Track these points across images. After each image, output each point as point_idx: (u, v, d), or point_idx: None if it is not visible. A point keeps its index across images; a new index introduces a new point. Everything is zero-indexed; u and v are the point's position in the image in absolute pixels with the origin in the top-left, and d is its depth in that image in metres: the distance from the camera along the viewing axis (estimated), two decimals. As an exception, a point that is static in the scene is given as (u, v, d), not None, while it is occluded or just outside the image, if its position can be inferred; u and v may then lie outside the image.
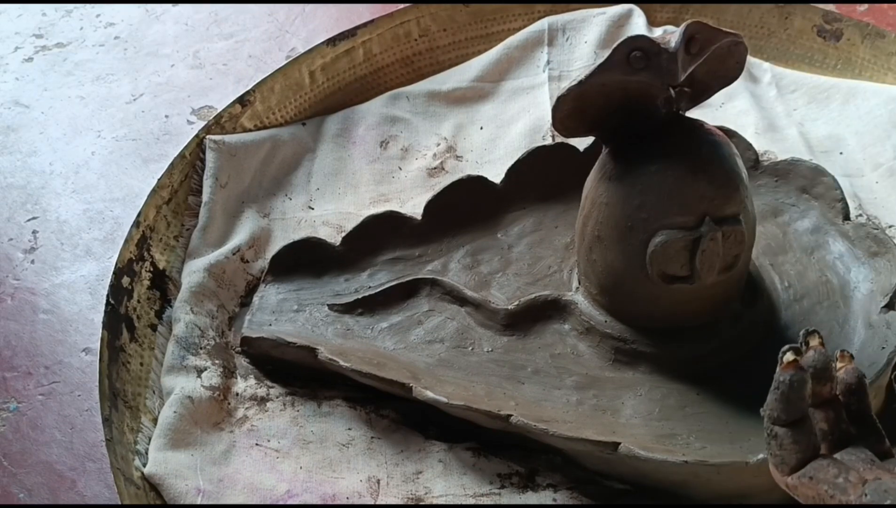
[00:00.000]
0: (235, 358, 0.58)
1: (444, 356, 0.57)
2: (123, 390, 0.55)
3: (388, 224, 0.62)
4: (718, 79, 0.52)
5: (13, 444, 0.57)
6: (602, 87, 0.49)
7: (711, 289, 0.52)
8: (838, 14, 0.75)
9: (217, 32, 0.88)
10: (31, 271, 0.67)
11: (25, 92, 0.82)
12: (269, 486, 0.51)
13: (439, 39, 0.78)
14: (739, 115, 0.72)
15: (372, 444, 0.54)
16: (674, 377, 0.54)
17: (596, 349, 0.56)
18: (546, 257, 0.61)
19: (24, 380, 0.60)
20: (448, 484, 0.51)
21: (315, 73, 0.74)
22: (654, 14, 0.79)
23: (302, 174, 0.70)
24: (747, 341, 0.55)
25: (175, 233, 0.64)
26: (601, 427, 0.51)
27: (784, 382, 0.37)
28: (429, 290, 0.60)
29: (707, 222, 0.50)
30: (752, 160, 0.63)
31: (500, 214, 0.64)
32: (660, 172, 0.51)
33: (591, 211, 0.54)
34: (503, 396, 0.53)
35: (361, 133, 0.73)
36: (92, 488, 0.55)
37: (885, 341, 0.51)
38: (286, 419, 0.55)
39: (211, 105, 0.79)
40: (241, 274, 0.63)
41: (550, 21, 0.79)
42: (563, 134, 0.54)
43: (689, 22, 0.47)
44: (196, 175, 0.66)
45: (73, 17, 0.90)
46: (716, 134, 0.52)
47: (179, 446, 0.52)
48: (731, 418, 0.51)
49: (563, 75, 0.76)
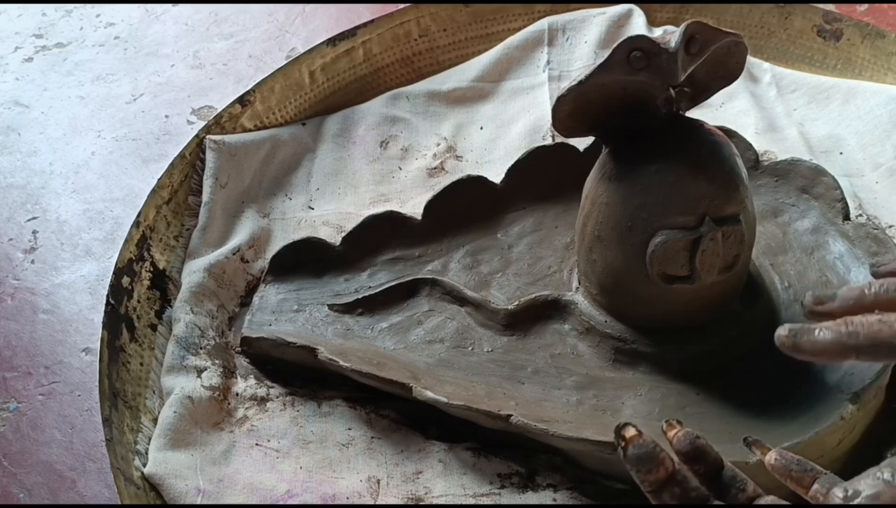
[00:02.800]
0: (235, 358, 0.58)
1: (444, 356, 0.57)
2: (123, 390, 0.55)
3: (388, 224, 0.62)
4: (718, 79, 0.52)
5: (13, 444, 0.57)
6: (602, 87, 0.49)
7: (711, 289, 0.52)
8: (838, 14, 0.75)
9: (217, 32, 0.88)
10: (31, 271, 0.67)
11: (25, 92, 0.82)
12: (269, 486, 0.51)
13: (439, 39, 0.78)
14: (739, 115, 0.72)
15: (372, 444, 0.54)
16: (674, 377, 0.54)
17: (596, 349, 0.56)
18: (546, 257, 0.61)
19: (24, 380, 0.60)
20: (448, 484, 0.51)
21: (315, 73, 0.74)
22: (654, 14, 0.79)
23: (302, 174, 0.70)
24: (747, 341, 0.55)
25: (175, 233, 0.64)
26: (601, 427, 0.51)
27: (631, 459, 0.36)
28: (429, 290, 0.60)
29: (707, 222, 0.50)
30: (752, 160, 0.63)
31: (499, 214, 0.64)
32: (660, 172, 0.51)
33: (591, 211, 0.54)
34: (503, 396, 0.53)
35: (361, 133, 0.73)
36: (92, 488, 0.55)
37: (885, 341, 0.51)
38: (286, 419, 0.55)
39: (211, 105, 0.79)
40: (241, 274, 0.63)
41: (550, 21, 0.79)
42: (563, 134, 0.54)
43: (689, 22, 0.47)
44: (196, 175, 0.66)
45: (73, 17, 0.90)
46: (716, 134, 0.52)
47: (179, 446, 0.52)
48: (731, 418, 0.51)
49: (563, 75, 0.76)
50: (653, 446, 0.36)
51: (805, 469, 0.37)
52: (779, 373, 0.53)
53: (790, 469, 0.37)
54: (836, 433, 0.49)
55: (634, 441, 0.36)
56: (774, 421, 0.50)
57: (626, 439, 0.37)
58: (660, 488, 0.36)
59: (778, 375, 0.53)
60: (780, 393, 0.52)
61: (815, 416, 0.49)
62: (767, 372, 0.54)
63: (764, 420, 0.50)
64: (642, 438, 0.36)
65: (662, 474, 0.36)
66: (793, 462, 0.37)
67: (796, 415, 0.50)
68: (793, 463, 0.37)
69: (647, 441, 0.36)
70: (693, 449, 0.38)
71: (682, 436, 0.38)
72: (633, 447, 0.36)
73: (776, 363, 0.54)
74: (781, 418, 0.50)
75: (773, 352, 0.54)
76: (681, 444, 0.38)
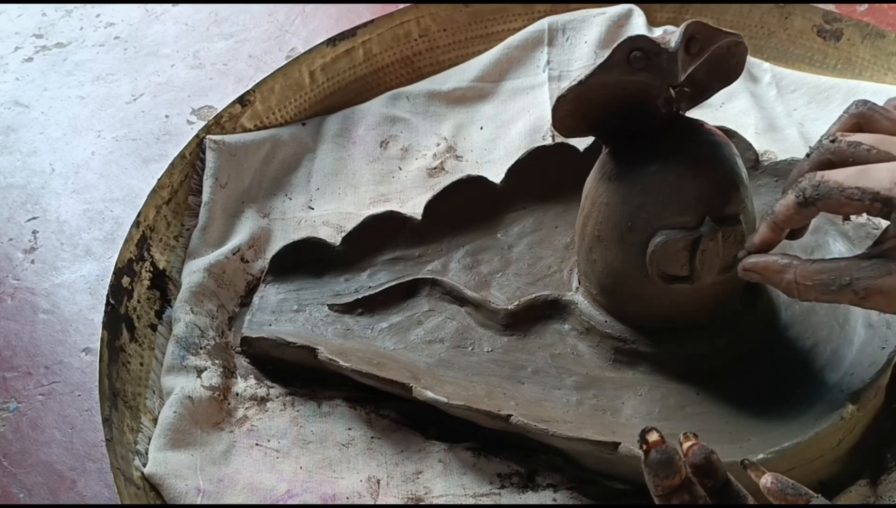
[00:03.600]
0: (235, 358, 0.58)
1: (444, 356, 0.57)
2: (123, 390, 0.55)
3: (388, 224, 0.62)
4: (718, 79, 0.52)
5: (13, 444, 0.57)
6: (602, 87, 0.49)
7: (711, 289, 0.52)
8: (838, 14, 0.75)
9: (217, 32, 0.88)
10: (31, 271, 0.67)
11: (25, 92, 0.82)
12: (269, 486, 0.51)
13: (439, 39, 0.78)
14: (739, 115, 0.72)
15: (372, 444, 0.54)
16: (674, 377, 0.54)
17: (596, 349, 0.56)
18: (546, 257, 0.61)
19: (24, 380, 0.60)
20: (448, 484, 0.51)
21: (315, 73, 0.74)
22: (654, 14, 0.79)
23: (302, 174, 0.70)
24: (747, 341, 0.55)
25: (175, 233, 0.64)
26: (601, 427, 0.51)
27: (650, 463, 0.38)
28: (429, 290, 0.60)
29: (707, 222, 0.50)
30: (752, 160, 0.63)
31: (499, 214, 0.64)
32: (660, 172, 0.51)
33: (591, 211, 0.54)
34: (503, 396, 0.53)
35: (361, 133, 0.73)
36: (92, 488, 0.55)
37: (885, 341, 0.51)
38: (286, 419, 0.55)
39: (211, 105, 0.79)
40: (241, 274, 0.63)
41: (550, 21, 0.79)
42: (563, 134, 0.54)
43: (689, 22, 0.47)
44: (196, 175, 0.66)
45: (73, 17, 0.90)
46: (716, 134, 0.52)
47: (179, 446, 0.52)
48: (731, 418, 0.51)
49: (563, 75, 0.76)
50: (674, 453, 0.38)
51: (799, 494, 0.39)
52: (779, 373, 0.53)
53: (786, 493, 0.39)
54: (836, 433, 0.49)
55: (658, 447, 0.38)
56: (774, 421, 0.50)
57: (649, 443, 0.38)
58: (670, 493, 0.38)
59: (778, 375, 0.53)
60: (780, 393, 0.52)
61: (815, 416, 0.49)
62: (767, 372, 0.54)
63: (764, 420, 0.50)
64: (665, 444, 0.38)
65: (676, 481, 0.38)
66: (788, 487, 0.39)
67: (796, 415, 0.50)
68: (788, 487, 0.39)
69: (669, 448, 0.38)
70: (707, 464, 0.39)
71: (698, 450, 0.39)
72: (655, 451, 0.38)
73: (776, 363, 0.54)
74: (781, 418, 0.50)
75: (773, 352, 0.55)
76: (696, 457, 0.39)
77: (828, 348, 0.54)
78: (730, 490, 0.39)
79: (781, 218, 0.46)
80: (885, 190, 0.41)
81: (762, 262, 0.47)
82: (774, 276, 0.46)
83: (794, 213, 0.45)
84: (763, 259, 0.47)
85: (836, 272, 0.43)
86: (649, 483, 0.38)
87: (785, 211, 0.45)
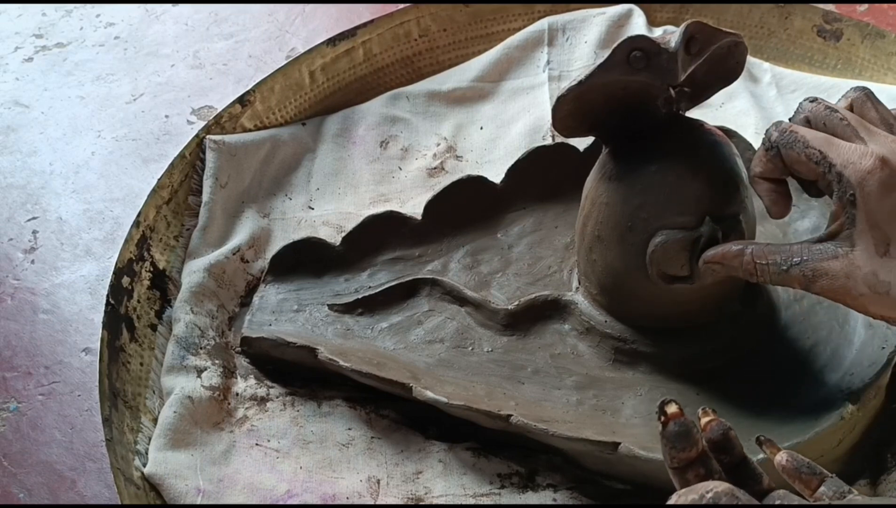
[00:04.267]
0: (235, 358, 0.58)
1: (444, 356, 0.57)
2: (123, 390, 0.55)
3: (388, 224, 0.62)
4: (718, 79, 0.52)
5: (13, 444, 0.57)
6: (602, 87, 0.49)
7: (711, 289, 0.52)
8: (838, 14, 0.75)
9: (217, 32, 0.88)
10: (31, 271, 0.67)
11: (25, 92, 0.82)
12: (269, 486, 0.51)
13: (439, 39, 0.78)
14: (739, 115, 0.72)
15: (372, 444, 0.54)
16: (674, 377, 0.54)
17: (596, 349, 0.56)
18: (546, 257, 0.61)
19: (24, 380, 0.60)
20: (448, 484, 0.51)
21: (315, 73, 0.74)
22: (654, 14, 0.79)
23: (302, 174, 0.70)
24: (747, 341, 0.55)
25: (175, 233, 0.64)
26: (601, 427, 0.51)
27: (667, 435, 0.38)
28: (429, 290, 0.60)
29: (707, 222, 0.50)
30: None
31: (499, 214, 0.64)
32: (660, 172, 0.51)
33: (591, 211, 0.54)
34: (503, 396, 0.53)
35: (361, 133, 0.73)
36: (92, 488, 0.55)
37: (885, 341, 0.51)
38: (286, 419, 0.55)
39: (211, 105, 0.79)
40: (241, 274, 0.63)
41: (550, 21, 0.79)
42: (563, 134, 0.54)
43: (689, 22, 0.47)
44: (196, 175, 0.66)
45: (73, 17, 0.90)
46: (716, 134, 0.52)
47: (179, 446, 0.52)
48: (731, 418, 0.51)
49: (563, 75, 0.76)
50: (692, 426, 0.38)
51: (814, 472, 0.39)
52: (779, 373, 0.53)
53: (800, 471, 0.39)
54: (836, 433, 0.49)
55: (676, 419, 0.38)
56: (774, 421, 0.50)
57: (667, 415, 0.38)
58: (686, 466, 0.38)
59: (778, 375, 0.53)
60: (780, 393, 0.52)
61: (815, 416, 0.49)
62: (767, 372, 0.54)
63: (764, 420, 0.50)
64: (683, 416, 0.38)
65: (693, 454, 0.38)
66: (803, 465, 0.39)
67: (796, 415, 0.50)
68: (803, 466, 0.39)
69: (687, 421, 0.38)
70: (724, 440, 0.39)
71: (716, 426, 0.39)
72: (673, 423, 0.38)
73: (776, 363, 0.54)
74: (781, 418, 0.50)
75: (773, 352, 0.55)
76: (714, 433, 0.39)
77: (828, 348, 0.54)
78: (746, 468, 0.39)
79: (756, 167, 0.48)
80: (840, 166, 0.44)
81: (720, 251, 0.48)
82: (734, 261, 0.48)
83: (764, 159, 0.47)
84: (720, 248, 0.48)
85: (788, 254, 0.46)
86: (665, 455, 0.38)
87: (756, 159, 0.48)
